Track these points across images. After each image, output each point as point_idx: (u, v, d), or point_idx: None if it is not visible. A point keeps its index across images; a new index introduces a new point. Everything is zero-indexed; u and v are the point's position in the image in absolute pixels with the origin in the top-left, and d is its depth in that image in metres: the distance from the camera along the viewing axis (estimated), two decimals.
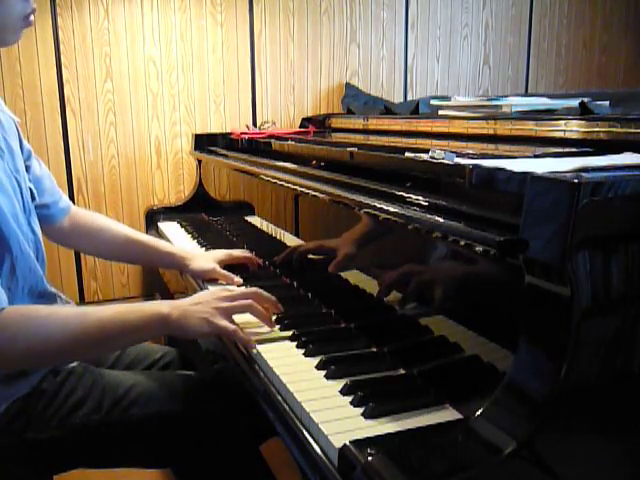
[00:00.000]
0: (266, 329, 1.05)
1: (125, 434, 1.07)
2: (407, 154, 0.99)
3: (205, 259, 1.40)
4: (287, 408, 0.81)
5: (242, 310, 1.03)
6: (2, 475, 1.02)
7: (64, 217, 1.32)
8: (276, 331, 1.05)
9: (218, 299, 1.02)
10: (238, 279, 1.33)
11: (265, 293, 1.09)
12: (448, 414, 0.75)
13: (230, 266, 1.41)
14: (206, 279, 1.37)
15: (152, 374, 1.20)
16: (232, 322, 1.01)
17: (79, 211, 1.39)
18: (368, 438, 0.68)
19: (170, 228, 2.09)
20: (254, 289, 1.09)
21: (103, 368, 1.19)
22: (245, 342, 0.99)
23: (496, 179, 0.74)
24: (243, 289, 1.11)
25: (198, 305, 1.00)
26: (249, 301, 1.03)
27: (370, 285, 1.04)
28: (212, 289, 1.16)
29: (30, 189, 1.13)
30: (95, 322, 0.93)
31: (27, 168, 1.20)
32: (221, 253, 1.43)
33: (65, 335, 0.91)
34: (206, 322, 0.97)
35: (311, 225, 1.31)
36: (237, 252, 1.47)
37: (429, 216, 0.81)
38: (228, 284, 1.32)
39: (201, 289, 1.32)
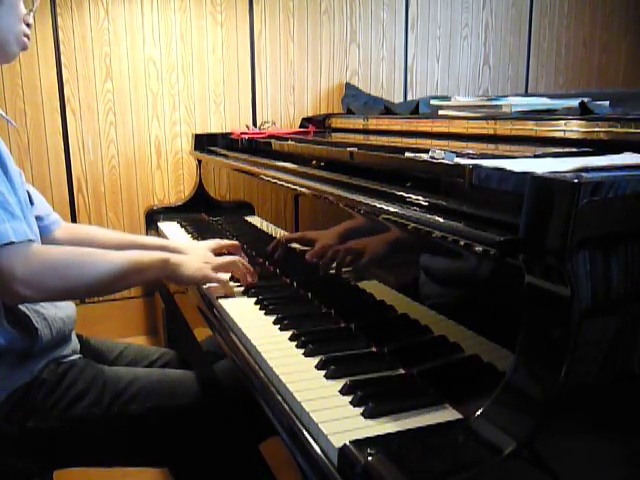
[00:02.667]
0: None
1: (124, 429, 1.08)
2: (407, 154, 0.99)
3: (197, 248, 1.40)
4: (287, 408, 0.81)
5: (227, 266, 1.25)
6: (4, 466, 1.03)
7: (57, 229, 1.34)
8: (273, 327, 1.07)
9: (208, 255, 1.26)
10: (225, 277, 1.36)
11: (245, 262, 1.29)
12: (448, 414, 0.75)
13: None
14: None
15: (152, 371, 1.21)
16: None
17: (70, 224, 1.44)
18: (368, 438, 0.68)
19: (170, 228, 2.09)
20: (236, 257, 1.30)
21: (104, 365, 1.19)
22: (230, 291, 1.24)
23: (496, 179, 0.74)
24: (228, 257, 1.31)
25: (193, 257, 1.22)
26: (235, 258, 1.27)
27: (370, 285, 1.04)
28: (203, 243, 1.36)
29: (28, 192, 1.16)
30: (116, 259, 1.07)
31: None
32: (212, 242, 1.45)
33: (94, 269, 1.03)
34: (200, 271, 1.18)
35: (311, 225, 1.31)
36: (225, 241, 1.48)
37: (429, 216, 0.81)
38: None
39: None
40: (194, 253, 1.28)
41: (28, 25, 1.10)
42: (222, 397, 1.15)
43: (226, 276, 1.28)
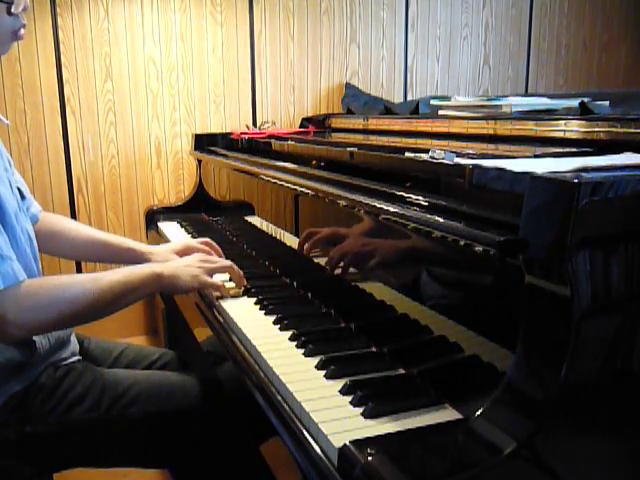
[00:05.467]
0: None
1: (124, 432, 1.07)
2: (407, 154, 0.99)
3: (165, 252, 1.41)
4: (287, 408, 0.81)
5: (222, 270, 1.24)
6: (2, 469, 1.02)
7: (36, 222, 1.31)
8: (272, 328, 1.07)
9: (202, 261, 1.21)
10: None
11: (236, 267, 1.26)
12: (448, 414, 0.75)
13: None
14: None
15: (152, 374, 1.20)
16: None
17: (44, 215, 1.38)
18: (368, 438, 0.68)
19: (170, 228, 2.09)
20: (229, 261, 1.28)
21: (102, 367, 1.19)
22: (226, 292, 1.23)
23: (496, 179, 0.74)
24: (221, 259, 1.31)
25: (187, 265, 1.18)
26: (228, 263, 1.25)
27: (370, 285, 1.04)
28: (195, 255, 1.29)
29: (18, 188, 1.15)
30: (107, 284, 1.03)
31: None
32: (178, 244, 1.45)
33: (86, 299, 1.00)
34: (195, 278, 1.16)
35: (311, 225, 1.31)
36: (194, 242, 1.47)
37: (429, 216, 0.81)
38: None
39: None
40: (186, 259, 1.23)
41: (10, 14, 1.00)
42: (222, 399, 1.14)
43: (223, 277, 1.27)
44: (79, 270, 2.51)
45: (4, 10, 0.98)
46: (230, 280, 1.27)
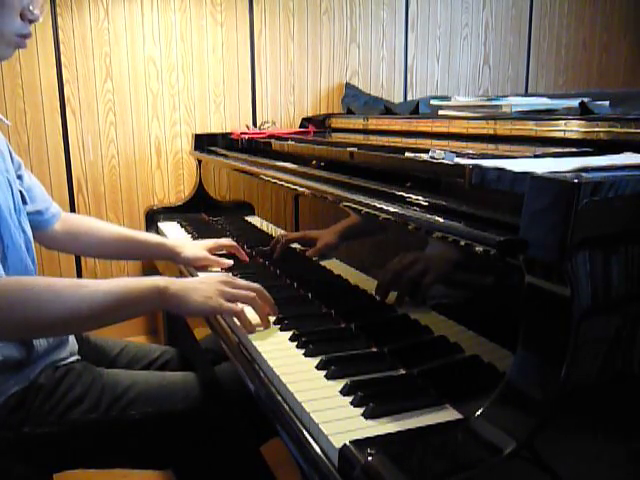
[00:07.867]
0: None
1: (123, 433, 1.07)
2: (407, 154, 0.99)
3: (196, 247, 1.46)
4: (287, 408, 0.81)
5: (244, 300, 1.03)
6: (1, 471, 1.02)
7: (56, 222, 1.35)
8: (273, 328, 1.05)
9: (223, 283, 1.03)
10: (229, 262, 1.42)
11: (267, 293, 1.07)
12: (448, 414, 0.75)
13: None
14: (198, 266, 1.43)
15: (152, 374, 1.20)
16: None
17: (69, 215, 1.42)
18: (368, 438, 0.68)
19: (170, 228, 2.09)
20: (258, 285, 1.07)
21: (102, 366, 1.19)
22: (247, 325, 1.01)
23: (496, 179, 0.74)
24: (248, 282, 1.08)
25: (202, 284, 1.01)
26: (253, 294, 1.04)
27: (370, 285, 1.04)
28: (218, 274, 1.15)
29: (21, 192, 1.16)
30: (90, 295, 0.92)
31: (19, 177, 1.24)
32: (210, 241, 1.49)
33: (58, 307, 0.89)
34: (209, 300, 0.99)
35: (311, 225, 1.31)
36: (224, 241, 1.50)
37: (429, 216, 0.81)
38: (222, 269, 1.42)
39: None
40: (204, 277, 1.08)
41: (23, 18, 0.98)
42: (223, 400, 1.14)
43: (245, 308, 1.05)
44: (78, 268, 2.51)
45: (18, 12, 0.96)
46: None
